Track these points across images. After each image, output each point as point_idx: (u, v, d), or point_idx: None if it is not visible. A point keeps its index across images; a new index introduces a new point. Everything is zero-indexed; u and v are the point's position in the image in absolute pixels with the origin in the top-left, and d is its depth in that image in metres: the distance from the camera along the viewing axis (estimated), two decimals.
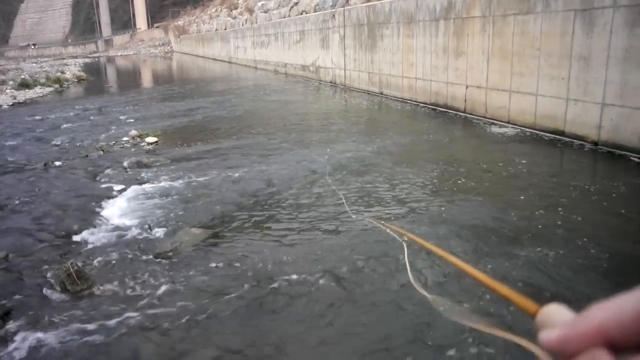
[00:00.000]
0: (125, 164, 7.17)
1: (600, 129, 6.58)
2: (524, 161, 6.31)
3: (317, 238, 4.28)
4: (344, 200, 5.01)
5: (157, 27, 78.94)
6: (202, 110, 12.20)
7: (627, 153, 6.19)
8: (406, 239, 0.96)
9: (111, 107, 13.84)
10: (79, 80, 25.29)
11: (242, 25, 29.20)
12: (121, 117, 11.67)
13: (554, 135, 7.28)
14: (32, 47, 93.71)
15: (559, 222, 4.32)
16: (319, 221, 4.62)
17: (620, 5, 6.15)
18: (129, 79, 28.46)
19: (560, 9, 7.00)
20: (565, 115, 7.11)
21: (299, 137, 8.46)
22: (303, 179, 5.96)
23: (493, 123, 8.45)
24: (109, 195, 5.79)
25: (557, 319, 0.41)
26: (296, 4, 20.32)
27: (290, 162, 6.78)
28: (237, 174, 6.33)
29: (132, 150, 8.23)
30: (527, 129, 7.78)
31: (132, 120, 11.08)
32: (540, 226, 4.26)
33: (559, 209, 4.62)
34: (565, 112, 7.10)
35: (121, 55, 63.93)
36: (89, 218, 5.06)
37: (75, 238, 4.59)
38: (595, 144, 6.64)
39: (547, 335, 0.38)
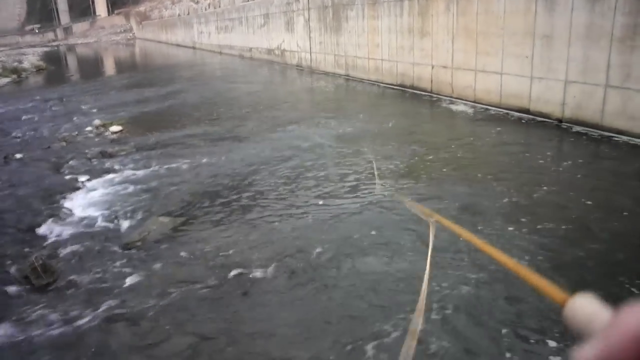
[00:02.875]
0: (89, 154, 7.00)
1: (564, 106, 6.67)
2: (489, 139, 6.38)
3: (290, 221, 4.25)
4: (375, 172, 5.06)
5: (118, 14, 77.14)
6: (167, 98, 11.99)
7: (589, 130, 6.30)
8: (433, 220, 0.95)
9: (73, 96, 13.50)
10: (38, 70, 24.57)
11: (206, 10, 28.73)
12: (83, 107, 11.40)
13: (519, 114, 7.36)
14: None
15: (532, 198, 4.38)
16: (294, 207, 4.60)
17: None
18: (91, 67, 27.79)
19: None
20: (530, 93, 7.19)
21: (265, 123, 8.36)
22: (272, 163, 5.91)
23: (459, 102, 8.50)
24: (73, 186, 5.66)
25: (587, 312, 0.40)
26: None
27: (255, 149, 6.70)
28: (203, 160, 6.25)
29: (96, 140, 8.05)
30: (493, 108, 7.85)
31: (95, 110, 10.82)
32: (509, 200, 4.31)
33: (526, 185, 4.69)
34: (530, 90, 7.18)
35: (82, 43, 62.36)
36: (53, 210, 4.94)
37: (40, 231, 4.48)
38: (560, 120, 6.73)
39: (583, 353, 0.35)
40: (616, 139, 5.88)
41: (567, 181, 4.80)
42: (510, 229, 3.80)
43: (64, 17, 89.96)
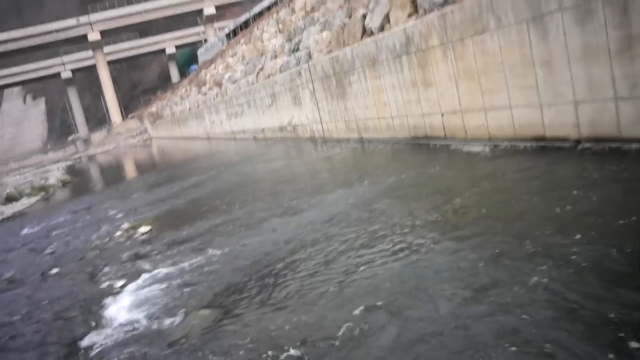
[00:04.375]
0: (121, 258, 7.11)
1: (579, 126, 6.65)
2: (514, 176, 6.36)
3: (320, 301, 4.21)
4: None
5: (131, 118, 79.90)
6: (189, 192, 12.21)
7: (608, 144, 6.25)
8: None
9: (99, 204, 13.83)
10: (64, 183, 25.35)
11: (214, 99, 29.63)
12: (111, 213, 11.65)
13: (536, 143, 7.33)
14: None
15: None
16: (322, 283, 4.57)
17: (565, 8, 6.33)
18: (113, 173, 28.56)
19: (513, 21, 7.18)
20: (542, 121, 7.19)
21: (288, 201, 8.39)
22: (298, 245, 5.89)
23: (475, 144, 8.50)
24: (110, 293, 5.71)
25: None
26: (261, 69, 20.71)
27: (282, 231, 6.69)
28: (234, 249, 6.28)
29: (127, 243, 8.18)
30: (509, 142, 7.84)
31: (122, 214, 11.05)
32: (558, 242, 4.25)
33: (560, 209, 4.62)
34: (542, 118, 7.18)
35: (101, 151, 64.34)
36: (94, 320, 4.97)
37: (83, 344, 4.49)
38: (578, 141, 6.69)
39: None
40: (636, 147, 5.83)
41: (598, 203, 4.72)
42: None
43: (82, 129, 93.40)
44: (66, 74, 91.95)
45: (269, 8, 34.15)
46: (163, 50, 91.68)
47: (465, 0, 8.10)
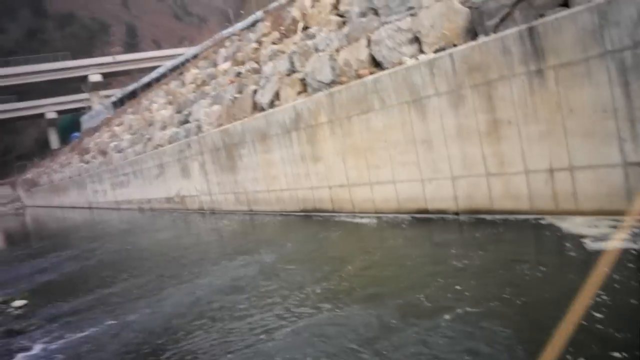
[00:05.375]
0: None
1: (457, 199, 7.23)
2: (397, 242, 6.75)
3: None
4: None
5: (2, 185, 74.71)
6: (68, 264, 11.53)
7: (483, 215, 6.86)
8: None
9: None
10: None
11: (97, 168, 28.58)
12: None
13: (419, 215, 7.83)
14: None
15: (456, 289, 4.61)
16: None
17: (441, 93, 7.02)
18: None
19: (395, 103, 7.78)
20: (424, 194, 7.72)
21: (176, 272, 8.23)
22: (187, 317, 5.79)
23: (363, 216, 8.91)
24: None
25: None
26: (149, 139, 20.44)
27: (167, 302, 6.55)
28: (120, 322, 6.02)
29: (2, 315, 7.56)
30: (394, 214, 8.29)
31: None
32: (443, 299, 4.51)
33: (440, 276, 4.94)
34: (423, 192, 7.72)
35: None
36: None
37: None
38: (456, 213, 7.26)
39: None
40: (507, 218, 6.46)
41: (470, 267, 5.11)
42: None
43: None
44: None
45: (157, 79, 34.08)
46: (41, 115, 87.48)
47: (352, 82, 8.68)
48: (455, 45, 7.13)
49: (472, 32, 7.06)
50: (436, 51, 7.41)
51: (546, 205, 6.20)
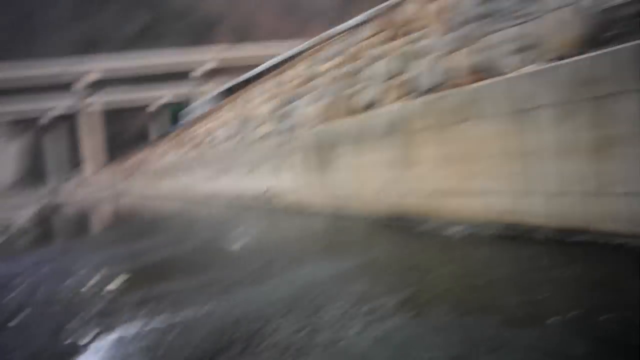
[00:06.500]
0: (90, 313, 6.90)
1: (550, 217, 6.92)
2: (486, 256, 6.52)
3: None
4: None
5: (105, 171, 79.27)
6: (161, 249, 12.03)
7: (576, 237, 6.56)
8: None
9: (67, 254, 13.49)
10: (30, 229, 24.71)
11: (191, 161, 29.66)
12: (79, 264, 11.36)
13: (509, 230, 7.55)
14: None
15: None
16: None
17: (546, 105, 6.73)
18: (81, 224, 28.01)
19: (495, 113, 7.55)
20: (517, 209, 7.44)
21: (263, 266, 8.39)
22: (279, 307, 5.87)
23: (450, 226, 8.69)
24: (75, 350, 5.51)
25: None
26: (245, 135, 20.98)
27: (253, 295, 6.68)
28: (209, 309, 6.18)
29: (96, 298, 7.96)
30: (481, 227, 8.04)
31: (91, 267, 10.78)
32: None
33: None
34: (516, 206, 7.43)
35: (70, 203, 63.32)
36: None
37: None
38: (549, 232, 6.95)
39: None
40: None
41: None
42: None
43: (53, 177, 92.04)
44: (45, 119, 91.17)
45: (259, 76, 34.83)
46: (147, 107, 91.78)
47: (453, 89, 8.49)
48: (566, 57, 6.80)
49: (587, 43, 6.71)
50: (548, 61, 7.09)
51: None
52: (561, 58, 6.80)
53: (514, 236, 7.39)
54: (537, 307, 4.69)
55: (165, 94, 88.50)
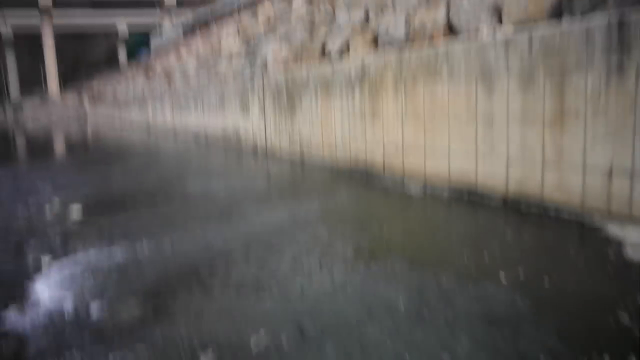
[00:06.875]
0: (50, 233, 7.01)
1: (507, 183, 7.21)
2: (439, 219, 6.80)
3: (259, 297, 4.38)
4: None
5: (70, 91, 77.29)
6: (123, 179, 12.08)
7: (529, 203, 6.87)
8: None
9: (27, 175, 13.44)
10: None
11: (160, 90, 29.19)
12: (39, 185, 11.36)
13: (467, 191, 7.85)
14: None
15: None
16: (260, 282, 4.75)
17: (512, 73, 6.92)
18: (43, 145, 27.56)
19: (463, 75, 7.70)
20: (476, 172, 7.71)
21: (223, 207, 8.58)
22: (238, 246, 6.08)
23: (408, 182, 8.97)
24: (36, 268, 5.64)
25: None
26: (215, 68, 20.71)
27: (205, 235, 6.86)
28: (170, 239, 6.37)
29: (56, 219, 8.06)
30: (441, 186, 8.33)
31: (52, 189, 10.81)
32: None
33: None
34: (476, 170, 7.71)
35: (32, 120, 61.83)
36: (15, 295, 4.91)
37: (1, 319, 4.44)
38: (505, 197, 7.24)
39: None
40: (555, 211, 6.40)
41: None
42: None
43: (14, 94, 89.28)
44: (7, 34, 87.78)
45: (231, 9, 34.16)
46: (115, 33, 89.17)
47: (424, 46, 8.57)
48: (536, 22, 6.93)
49: (557, 11, 6.85)
50: (516, 24, 7.23)
51: (598, 205, 6.10)
52: (533, 23, 6.93)
53: (472, 200, 7.70)
54: (480, 266, 5.02)
55: (133, 14, 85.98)
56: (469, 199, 7.71)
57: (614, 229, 5.73)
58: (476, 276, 4.71)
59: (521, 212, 6.83)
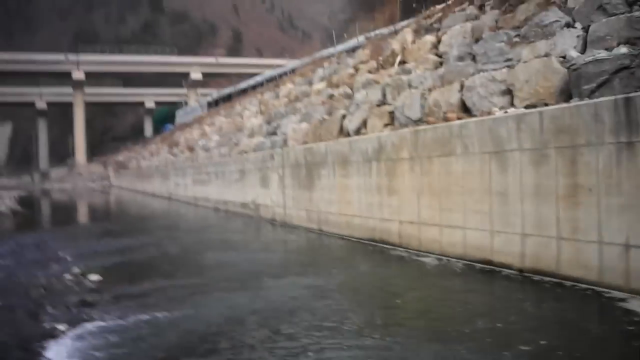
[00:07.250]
0: (68, 302, 7.11)
1: (523, 257, 7.20)
2: (457, 290, 6.79)
3: None
4: None
5: (96, 162, 79.39)
6: (143, 249, 12.21)
7: (547, 278, 6.80)
8: None
9: (49, 242, 13.66)
10: (14, 214, 24.78)
11: (183, 163, 29.86)
12: (60, 254, 11.54)
13: (483, 265, 7.83)
14: None
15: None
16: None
17: (524, 149, 7.06)
18: (66, 213, 28.08)
19: (477, 151, 7.87)
20: (491, 246, 7.73)
21: (242, 276, 8.64)
22: (252, 316, 6.12)
23: (426, 256, 8.97)
24: (52, 335, 5.73)
25: None
26: (236, 144, 21.28)
27: (225, 304, 6.92)
28: (184, 312, 6.42)
29: (75, 288, 8.16)
30: (456, 259, 8.32)
31: (72, 258, 10.97)
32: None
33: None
34: (491, 243, 7.73)
35: (58, 188, 63.10)
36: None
37: None
38: (521, 270, 7.20)
39: None
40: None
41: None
42: None
43: (43, 163, 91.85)
44: (41, 105, 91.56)
45: (254, 87, 35.40)
46: (141, 104, 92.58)
47: (439, 123, 8.83)
48: (547, 104, 7.16)
49: (566, 94, 7.07)
50: (527, 107, 7.46)
51: (617, 279, 6.05)
52: (543, 104, 7.16)
53: (487, 270, 7.68)
54: (498, 337, 5.00)
55: (161, 92, 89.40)
56: (484, 270, 7.68)
57: (635, 303, 5.66)
58: (496, 349, 4.69)
59: (537, 284, 6.78)
